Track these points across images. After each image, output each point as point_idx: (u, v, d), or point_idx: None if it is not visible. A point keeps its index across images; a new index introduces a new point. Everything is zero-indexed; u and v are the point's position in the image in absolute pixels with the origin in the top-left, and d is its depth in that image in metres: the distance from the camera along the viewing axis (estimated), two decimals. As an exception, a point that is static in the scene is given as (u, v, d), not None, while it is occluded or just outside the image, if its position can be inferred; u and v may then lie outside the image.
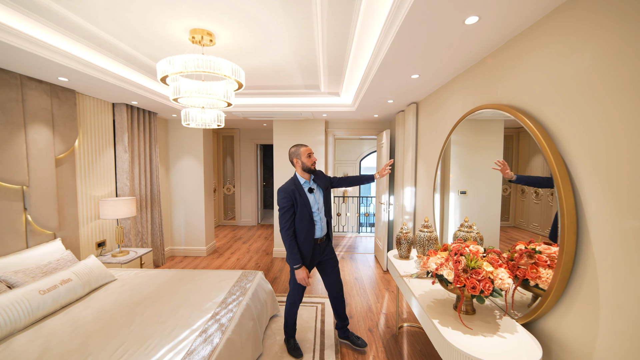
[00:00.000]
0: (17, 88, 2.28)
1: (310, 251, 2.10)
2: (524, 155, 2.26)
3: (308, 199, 2.08)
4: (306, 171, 2.10)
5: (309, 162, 2.07)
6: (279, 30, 1.88)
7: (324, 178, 2.23)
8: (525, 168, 2.30)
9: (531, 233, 2.26)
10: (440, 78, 2.36)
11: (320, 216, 2.14)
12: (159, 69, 1.69)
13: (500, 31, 1.50)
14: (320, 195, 2.16)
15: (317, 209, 2.12)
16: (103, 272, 2.42)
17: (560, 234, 1.17)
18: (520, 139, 2.27)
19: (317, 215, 2.12)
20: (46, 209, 2.50)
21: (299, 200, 2.05)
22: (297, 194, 2.05)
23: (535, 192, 2.25)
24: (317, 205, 2.12)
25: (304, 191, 2.08)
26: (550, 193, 2.08)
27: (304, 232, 2.07)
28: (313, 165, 2.08)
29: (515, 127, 2.22)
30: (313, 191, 2.12)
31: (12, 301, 1.74)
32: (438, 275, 1.51)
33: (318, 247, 2.16)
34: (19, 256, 2.22)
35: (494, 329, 1.39)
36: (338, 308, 2.30)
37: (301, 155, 2.09)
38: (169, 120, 4.49)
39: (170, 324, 1.82)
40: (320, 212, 2.13)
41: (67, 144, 2.72)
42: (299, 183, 2.11)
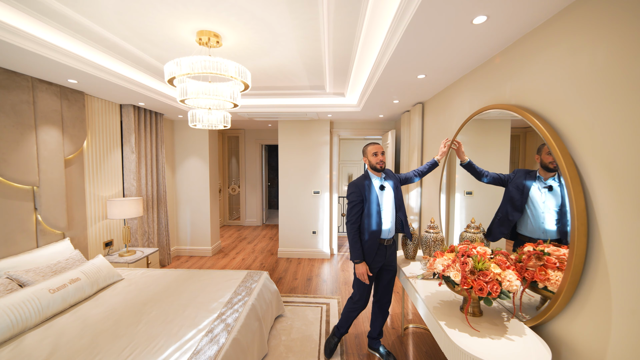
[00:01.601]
0: (28, 90, 2.32)
1: (374, 250, 2.04)
2: (530, 155, 2.24)
3: (378, 195, 2.06)
4: (374, 169, 2.09)
5: (375, 160, 2.06)
6: (286, 31, 1.88)
7: (393, 177, 2.19)
8: (532, 168, 2.27)
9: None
10: (447, 78, 2.34)
11: (390, 216, 2.08)
12: (167, 70, 1.71)
13: (508, 31, 1.48)
14: (391, 193, 2.10)
15: (386, 208, 2.07)
16: (110, 271, 2.45)
17: (571, 236, 1.15)
18: (527, 138, 2.24)
19: (385, 214, 2.07)
20: (56, 209, 2.54)
21: (368, 197, 2.05)
22: (366, 190, 2.06)
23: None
24: (385, 203, 2.08)
25: (373, 188, 2.07)
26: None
27: (370, 229, 2.05)
28: (379, 165, 2.05)
29: (522, 127, 2.19)
30: (384, 189, 2.08)
31: (23, 300, 1.78)
32: (445, 277, 1.50)
33: (383, 249, 2.09)
34: (30, 255, 2.26)
35: (501, 332, 1.37)
36: (379, 320, 2.26)
37: (368, 154, 2.10)
38: (175, 121, 4.53)
39: (176, 324, 1.83)
40: (389, 212, 2.08)
41: (76, 145, 2.76)
42: (370, 179, 2.10)
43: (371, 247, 2.05)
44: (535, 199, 1.56)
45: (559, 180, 1.31)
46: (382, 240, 2.07)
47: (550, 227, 1.45)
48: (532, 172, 1.64)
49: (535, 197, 1.57)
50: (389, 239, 2.09)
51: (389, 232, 2.08)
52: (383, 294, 2.21)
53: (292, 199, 4.63)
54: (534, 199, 1.57)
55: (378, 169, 2.07)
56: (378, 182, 2.10)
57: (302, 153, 4.58)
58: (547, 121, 1.35)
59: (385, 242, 2.08)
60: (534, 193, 1.58)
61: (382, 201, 2.07)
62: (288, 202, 4.64)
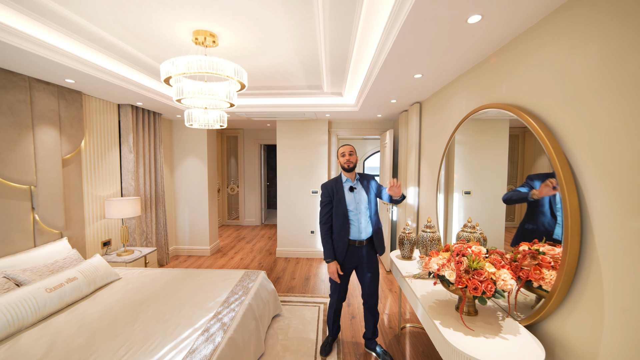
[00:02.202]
0: (25, 90, 2.33)
1: (343, 250, 2.07)
2: (529, 155, 2.24)
3: (345, 197, 2.07)
4: (344, 170, 2.10)
5: (342, 161, 2.09)
6: (282, 31, 1.89)
7: (369, 182, 2.16)
8: (531, 168, 2.28)
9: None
10: (444, 77, 2.34)
11: (358, 217, 2.07)
12: (163, 70, 1.71)
13: (503, 30, 1.48)
14: (362, 196, 2.08)
15: (355, 209, 2.06)
16: (108, 270, 2.45)
17: (564, 235, 1.15)
18: (526, 138, 2.24)
19: (353, 215, 2.06)
20: (53, 208, 2.54)
21: (335, 197, 2.08)
22: (334, 191, 2.09)
23: None
24: (354, 205, 2.06)
25: (342, 189, 2.09)
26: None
27: (337, 230, 2.08)
28: (347, 164, 2.06)
29: (520, 126, 2.19)
30: (354, 190, 2.08)
31: (20, 299, 1.78)
32: (440, 276, 1.50)
33: (354, 249, 2.09)
34: (27, 255, 2.26)
35: (496, 331, 1.37)
36: (370, 320, 2.25)
37: (338, 154, 2.16)
38: (173, 121, 4.53)
39: (173, 323, 1.84)
40: (358, 214, 2.06)
41: (74, 144, 2.76)
42: (340, 181, 2.13)
43: (340, 247, 2.07)
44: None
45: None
46: (353, 242, 2.07)
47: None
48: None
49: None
50: (360, 241, 2.07)
51: (359, 233, 2.07)
52: (368, 295, 2.19)
53: (290, 199, 4.63)
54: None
55: (346, 168, 2.07)
56: (349, 184, 2.11)
57: (300, 153, 4.58)
58: (541, 120, 1.36)
59: (356, 243, 2.07)
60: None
61: (350, 203, 2.06)
62: (286, 202, 4.64)
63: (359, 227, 2.07)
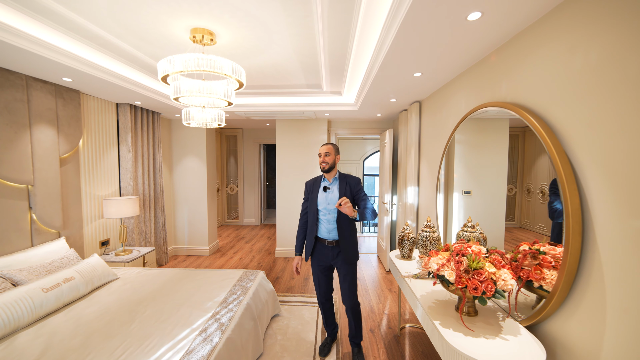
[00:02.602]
0: (22, 89, 2.31)
1: (311, 246, 2.14)
2: (529, 155, 2.23)
3: (317, 195, 2.11)
4: (322, 170, 2.10)
5: (319, 161, 2.11)
6: (280, 29, 1.87)
7: (353, 186, 2.07)
8: (531, 167, 2.26)
9: (537, 234, 2.22)
10: (443, 76, 2.33)
11: (327, 217, 2.06)
12: (160, 68, 1.70)
13: (503, 28, 1.47)
14: (334, 197, 2.05)
15: (324, 209, 2.06)
16: (106, 270, 2.44)
17: (565, 235, 1.14)
18: (526, 138, 2.23)
19: (323, 215, 2.08)
20: (51, 208, 2.53)
21: (311, 195, 2.14)
22: (312, 189, 2.15)
23: (541, 192, 2.21)
24: (324, 204, 2.06)
25: (318, 187, 2.12)
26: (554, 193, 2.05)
27: (309, 226, 2.15)
28: (321, 165, 2.06)
29: (520, 126, 2.18)
30: (327, 190, 2.07)
31: (16, 299, 1.76)
32: (439, 276, 1.49)
33: (324, 248, 2.11)
34: (24, 254, 2.25)
35: (496, 331, 1.36)
36: (350, 322, 2.21)
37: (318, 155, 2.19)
38: (172, 120, 4.52)
39: (170, 323, 1.82)
40: (327, 214, 2.06)
41: (72, 143, 2.75)
42: (319, 179, 2.17)
43: (309, 243, 2.15)
44: None
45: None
46: (322, 240, 2.10)
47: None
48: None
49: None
50: (330, 240, 2.08)
51: (327, 233, 2.08)
52: (344, 296, 2.14)
53: (290, 199, 4.62)
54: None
55: (321, 169, 2.08)
56: (324, 183, 2.12)
57: (300, 152, 4.57)
58: (542, 119, 1.34)
59: (326, 242, 2.08)
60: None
61: (321, 202, 2.08)
62: (286, 202, 4.63)
63: (327, 226, 2.08)
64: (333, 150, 2.07)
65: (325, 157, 2.05)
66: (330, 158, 2.05)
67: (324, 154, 2.06)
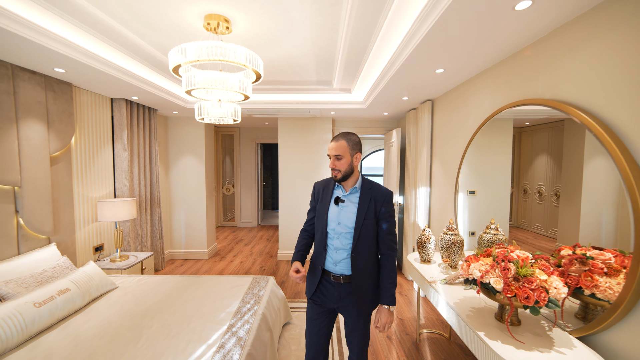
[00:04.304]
0: (7, 79, 2.08)
1: (314, 279, 1.51)
2: (526, 155, 2.19)
3: (328, 208, 1.47)
4: (335, 181, 1.46)
5: (329, 165, 1.44)
6: (303, 17, 1.73)
7: (379, 204, 1.43)
8: (528, 168, 2.23)
9: (534, 233, 2.19)
10: (465, 73, 2.24)
11: (335, 243, 1.45)
12: (171, 58, 1.53)
13: (553, 17, 1.38)
14: (348, 215, 1.43)
15: (334, 230, 1.45)
16: (103, 279, 2.23)
17: (635, 241, 1.05)
18: (522, 139, 2.19)
19: (331, 238, 1.46)
20: (40, 211, 2.30)
21: (319, 205, 1.53)
22: (321, 196, 1.54)
23: (538, 193, 2.17)
24: (335, 223, 1.45)
25: (329, 196, 1.49)
26: (554, 194, 2.00)
27: (313, 253, 1.55)
28: (333, 174, 1.43)
29: (517, 127, 2.14)
30: (340, 203, 1.46)
31: (3, 316, 1.55)
32: (483, 284, 1.39)
33: (330, 286, 1.48)
34: (10, 264, 2.02)
35: (548, 343, 1.27)
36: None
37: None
38: (168, 118, 4.29)
39: (183, 339, 1.65)
40: (337, 237, 1.44)
41: (63, 141, 2.51)
42: (331, 184, 1.53)
43: (312, 274, 1.53)
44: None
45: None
46: (328, 274, 1.48)
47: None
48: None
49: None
50: (336, 275, 1.45)
51: (333, 265, 1.45)
52: (352, 353, 1.53)
53: (292, 200, 4.47)
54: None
55: (334, 177, 1.43)
56: (337, 192, 1.49)
57: (303, 152, 4.42)
58: (596, 116, 1.26)
59: (331, 276, 1.46)
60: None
61: (332, 219, 1.45)
62: (288, 203, 4.47)
63: (335, 256, 1.45)
64: (348, 148, 1.39)
65: (337, 160, 1.39)
66: (345, 162, 1.39)
67: (334, 157, 1.40)
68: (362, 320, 1.49)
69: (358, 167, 1.48)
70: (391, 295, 1.42)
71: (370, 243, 1.44)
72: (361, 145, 1.45)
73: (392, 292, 1.43)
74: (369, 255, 1.44)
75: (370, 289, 1.46)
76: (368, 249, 1.43)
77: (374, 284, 1.47)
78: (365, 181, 1.48)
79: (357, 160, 1.43)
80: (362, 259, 1.42)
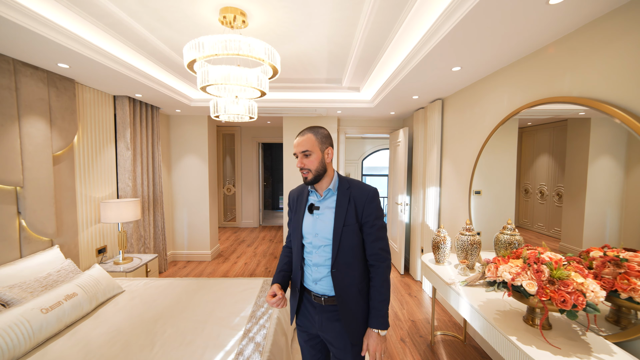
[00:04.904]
0: (9, 74, 1.99)
1: (295, 301, 1.30)
2: (527, 155, 2.17)
3: (302, 218, 1.25)
4: (305, 183, 1.23)
5: (297, 164, 1.21)
6: (323, 11, 1.67)
7: (361, 205, 1.19)
8: (529, 168, 2.22)
9: (536, 233, 2.17)
10: (482, 71, 2.21)
11: (313, 258, 1.22)
12: (187, 52, 1.46)
13: (586, 12, 1.34)
14: (325, 224, 1.20)
15: (311, 243, 1.22)
16: (110, 283, 2.15)
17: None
18: (522, 139, 2.18)
19: (309, 253, 1.24)
20: (43, 212, 2.21)
21: (294, 216, 1.32)
22: (295, 205, 1.32)
23: (540, 192, 2.15)
24: (312, 235, 1.22)
25: (304, 204, 1.27)
26: (556, 193, 1.99)
27: (293, 268, 1.33)
28: (303, 174, 1.20)
29: (519, 127, 2.13)
30: (315, 211, 1.23)
31: (10, 323, 1.47)
32: (515, 287, 1.35)
33: (311, 307, 1.25)
34: (13, 267, 1.93)
35: (585, 349, 1.23)
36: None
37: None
38: (171, 116, 4.20)
39: (199, 346, 1.58)
40: (314, 250, 1.21)
41: (66, 139, 2.42)
42: (306, 190, 1.30)
43: (292, 295, 1.32)
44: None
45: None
46: (309, 292, 1.25)
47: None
48: None
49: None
50: (317, 295, 1.22)
51: (313, 282, 1.23)
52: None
53: (297, 200, 4.40)
54: None
55: (303, 179, 1.21)
56: (312, 199, 1.27)
57: (308, 151, 4.36)
58: (632, 112, 1.22)
59: (312, 295, 1.24)
60: None
61: (308, 232, 1.23)
62: (293, 203, 4.41)
63: (314, 273, 1.23)
64: (316, 142, 1.18)
65: (305, 158, 1.17)
66: (315, 159, 1.17)
67: (301, 154, 1.18)
68: (351, 355, 1.19)
69: (332, 165, 1.27)
70: (382, 316, 1.16)
71: (355, 254, 1.19)
72: (332, 139, 1.25)
73: (383, 312, 1.16)
74: (355, 269, 1.19)
75: (361, 310, 1.20)
76: (353, 261, 1.19)
77: (366, 304, 1.21)
78: (343, 180, 1.24)
79: (329, 156, 1.21)
80: (347, 274, 1.18)
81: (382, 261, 1.20)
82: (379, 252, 1.20)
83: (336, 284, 1.18)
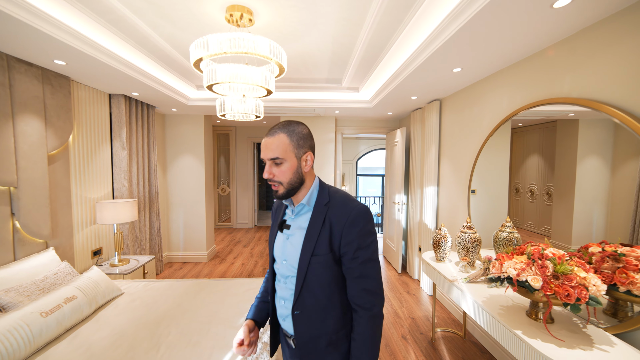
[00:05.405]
0: (3, 70, 1.92)
1: (274, 334, 1.06)
2: (518, 156, 2.25)
3: (275, 237, 1.01)
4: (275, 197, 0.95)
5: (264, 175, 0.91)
6: (330, 10, 1.68)
7: (339, 231, 0.88)
8: (519, 167, 2.29)
9: (527, 231, 2.24)
10: (482, 72, 2.26)
11: (284, 289, 0.96)
12: (193, 50, 1.45)
13: (589, 15, 1.38)
14: (293, 247, 0.93)
15: (280, 267, 0.97)
16: (109, 285, 2.10)
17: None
18: (514, 140, 2.25)
19: (277, 279, 0.99)
20: (37, 213, 2.14)
21: (271, 231, 1.06)
22: (275, 215, 1.08)
23: (530, 191, 2.23)
24: (281, 258, 0.96)
25: (279, 218, 1.03)
26: (545, 192, 2.06)
27: (270, 294, 1.06)
28: (272, 186, 0.92)
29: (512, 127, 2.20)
30: (286, 230, 0.97)
31: (9, 328, 1.42)
32: (520, 282, 1.38)
33: (285, 344, 1.03)
34: (8, 270, 1.86)
35: (587, 341, 1.27)
36: None
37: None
38: (166, 116, 4.13)
39: (205, 347, 1.57)
40: (285, 281, 0.96)
41: (61, 138, 2.35)
42: (282, 204, 1.04)
43: (272, 326, 1.05)
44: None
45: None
46: (282, 329, 1.02)
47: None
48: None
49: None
50: (288, 336, 0.97)
51: (283, 320, 0.98)
52: None
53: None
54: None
55: (273, 193, 0.93)
56: (287, 215, 1.00)
57: (306, 151, 4.36)
58: (632, 113, 1.27)
59: (287, 335, 0.98)
60: None
61: (278, 255, 0.98)
62: (291, 203, 4.39)
63: (279, 306, 0.99)
64: (290, 145, 0.88)
65: (275, 166, 0.88)
66: (288, 170, 0.88)
67: (269, 161, 0.88)
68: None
69: (313, 172, 0.96)
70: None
71: (328, 294, 0.90)
72: (312, 140, 0.93)
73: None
74: (327, 315, 0.90)
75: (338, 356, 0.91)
76: (326, 304, 0.90)
77: (340, 355, 0.91)
78: (323, 192, 0.93)
79: (308, 163, 0.91)
80: (315, 320, 0.90)
81: (366, 308, 0.88)
82: (364, 295, 0.88)
83: (298, 332, 0.91)
